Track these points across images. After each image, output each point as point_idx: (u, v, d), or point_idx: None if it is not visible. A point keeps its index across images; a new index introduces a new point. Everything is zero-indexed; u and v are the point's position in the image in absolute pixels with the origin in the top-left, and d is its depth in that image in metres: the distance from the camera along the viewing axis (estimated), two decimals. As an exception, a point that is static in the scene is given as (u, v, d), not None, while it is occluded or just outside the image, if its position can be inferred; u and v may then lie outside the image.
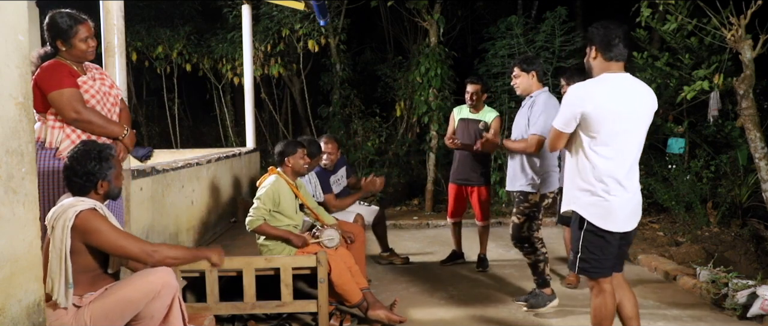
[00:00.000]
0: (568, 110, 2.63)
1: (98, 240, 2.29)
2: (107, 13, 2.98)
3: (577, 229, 2.69)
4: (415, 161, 8.66)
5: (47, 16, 2.74)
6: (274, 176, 3.65)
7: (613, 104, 2.56)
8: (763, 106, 6.02)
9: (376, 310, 3.48)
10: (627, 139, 2.61)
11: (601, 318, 2.67)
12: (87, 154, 2.38)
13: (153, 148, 3.43)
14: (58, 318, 2.27)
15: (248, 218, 3.52)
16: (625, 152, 2.61)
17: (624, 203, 2.61)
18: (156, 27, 8.99)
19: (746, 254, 4.74)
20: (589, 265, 2.65)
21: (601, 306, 2.66)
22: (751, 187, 5.67)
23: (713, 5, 4.74)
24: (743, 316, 3.58)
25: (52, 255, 2.25)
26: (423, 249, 5.73)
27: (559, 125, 2.68)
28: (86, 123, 2.70)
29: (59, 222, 2.26)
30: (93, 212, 2.31)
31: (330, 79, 8.80)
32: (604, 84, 2.61)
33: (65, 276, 2.25)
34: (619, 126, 2.57)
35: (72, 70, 2.73)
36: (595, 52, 2.65)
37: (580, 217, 2.66)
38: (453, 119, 5.00)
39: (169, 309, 2.46)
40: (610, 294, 2.67)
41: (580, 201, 2.66)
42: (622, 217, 2.62)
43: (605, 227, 2.60)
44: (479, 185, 4.83)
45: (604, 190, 2.59)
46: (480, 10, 9.45)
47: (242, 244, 4.06)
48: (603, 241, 2.63)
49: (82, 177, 2.37)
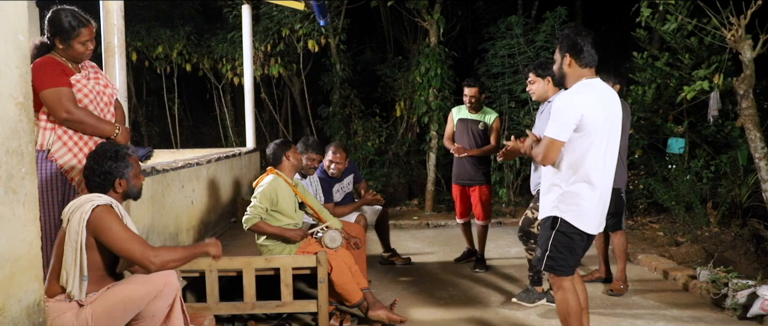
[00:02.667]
0: (565, 117, 2.58)
1: (107, 238, 2.31)
2: (107, 13, 2.98)
3: (549, 229, 2.76)
4: (415, 161, 8.66)
5: (51, 11, 2.70)
6: (272, 176, 3.66)
7: (601, 109, 2.62)
8: (763, 106, 6.01)
9: (376, 310, 3.48)
10: (609, 144, 2.68)
11: (565, 314, 2.79)
12: (104, 153, 2.44)
13: (153, 148, 3.42)
14: (60, 316, 2.28)
15: (245, 216, 3.53)
16: (607, 158, 2.69)
17: (596, 207, 2.70)
18: (156, 27, 8.99)
19: (746, 254, 4.74)
20: (556, 263, 2.76)
21: (563, 301, 2.78)
22: (751, 187, 5.67)
23: (713, 5, 4.74)
24: (743, 316, 3.58)
25: (67, 247, 2.27)
26: (423, 249, 5.73)
27: (556, 134, 2.61)
28: (77, 123, 2.67)
29: (76, 215, 2.28)
30: (108, 209, 2.34)
31: (330, 79, 8.80)
32: (591, 90, 2.65)
33: (80, 268, 2.27)
34: (603, 132, 2.64)
35: (66, 68, 2.70)
36: (569, 60, 2.68)
37: (553, 218, 2.74)
38: (451, 119, 4.99)
39: (170, 309, 2.47)
40: (571, 291, 2.78)
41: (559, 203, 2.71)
42: (594, 221, 2.71)
43: (580, 227, 2.68)
44: (481, 184, 4.83)
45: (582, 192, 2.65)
46: (480, 10, 9.45)
47: (242, 244, 4.06)
48: (572, 242, 2.72)
49: (100, 176, 2.42)
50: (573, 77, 2.70)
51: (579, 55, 2.65)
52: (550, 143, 2.63)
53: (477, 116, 4.80)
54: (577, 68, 2.68)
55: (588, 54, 2.65)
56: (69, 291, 2.27)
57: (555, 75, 3.64)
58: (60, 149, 2.68)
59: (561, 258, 2.74)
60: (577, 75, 2.69)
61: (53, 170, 2.67)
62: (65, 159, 2.69)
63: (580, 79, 2.68)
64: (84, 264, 2.28)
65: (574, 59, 2.66)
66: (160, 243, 3.46)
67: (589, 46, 2.64)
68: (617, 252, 4.17)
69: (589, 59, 2.66)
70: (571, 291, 2.77)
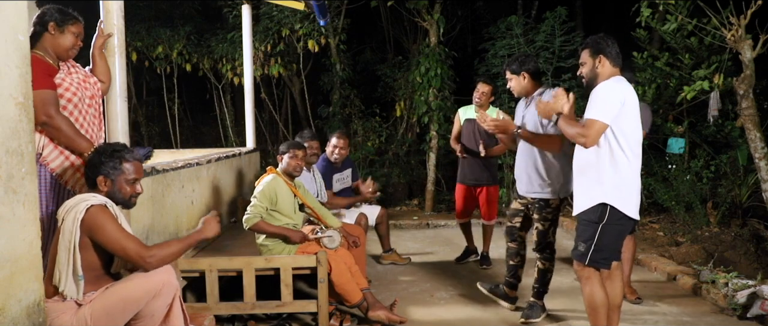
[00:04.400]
0: (612, 100, 2.72)
1: (102, 237, 2.29)
2: (107, 13, 2.97)
3: (595, 222, 2.80)
4: (415, 161, 8.65)
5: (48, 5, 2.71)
6: (272, 175, 3.66)
7: (634, 101, 2.80)
8: (763, 106, 6.01)
9: (376, 310, 3.48)
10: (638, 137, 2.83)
11: (594, 306, 2.85)
12: (103, 147, 2.45)
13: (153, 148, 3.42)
14: (59, 316, 2.28)
15: (245, 216, 3.53)
16: (636, 147, 2.82)
17: (638, 193, 2.84)
18: (156, 27, 8.98)
19: (746, 254, 4.74)
20: (601, 255, 2.81)
21: (591, 294, 2.85)
22: (751, 187, 5.66)
23: (713, 5, 4.74)
24: (743, 316, 3.58)
25: (60, 246, 2.26)
26: (423, 249, 5.73)
27: (601, 116, 2.72)
28: (55, 129, 2.58)
29: (70, 215, 2.27)
30: (103, 209, 2.31)
31: (330, 79, 8.80)
32: (626, 84, 2.83)
33: (74, 267, 2.26)
34: (636, 123, 2.81)
35: (51, 68, 2.66)
36: (603, 61, 2.85)
37: (601, 208, 2.78)
38: (458, 120, 4.98)
39: (169, 309, 2.46)
40: (599, 283, 2.86)
41: (610, 193, 2.78)
42: (637, 206, 2.85)
43: (629, 213, 2.79)
44: (489, 184, 4.83)
45: (631, 180, 2.79)
46: (480, 10, 9.45)
47: (242, 244, 4.06)
48: (622, 229, 2.83)
49: (89, 168, 2.42)
50: (605, 76, 2.85)
51: (611, 56, 2.85)
52: (594, 124, 2.72)
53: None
54: (609, 68, 2.86)
55: (617, 54, 2.87)
56: (62, 291, 2.26)
57: (531, 70, 3.58)
58: (51, 152, 2.64)
59: (607, 249, 2.81)
60: (609, 74, 2.85)
61: (46, 175, 2.63)
62: (57, 162, 2.65)
63: (612, 77, 2.83)
64: (78, 263, 2.26)
65: (608, 60, 2.85)
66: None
67: (616, 48, 2.87)
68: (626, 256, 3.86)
69: (618, 60, 2.87)
70: (600, 284, 2.85)
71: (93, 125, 2.87)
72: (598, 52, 2.86)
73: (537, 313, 3.65)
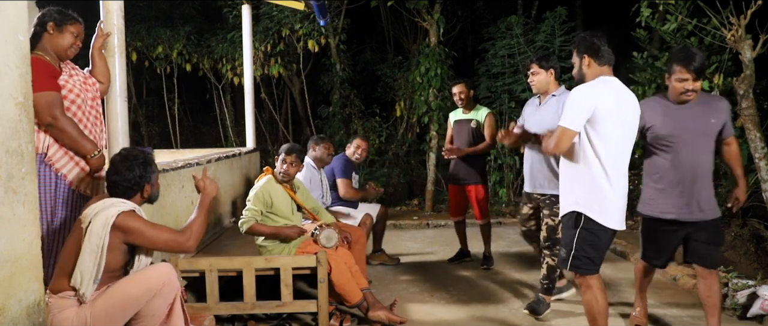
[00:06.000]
0: (579, 107, 2.64)
1: (142, 239, 2.38)
2: (107, 13, 2.97)
3: (572, 227, 2.76)
4: (415, 161, 8.66)
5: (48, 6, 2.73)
6: (267, 177, 3.66)
7: (615, 104, 2.67)
8: (763, 106, 6.00)
9: (376, 310, 3.47)
10: (624, 142, 2.73)
11: (594, 313, 2.77)
12: (134, 159, 2.47)
13: (153, 148, 3.42)
14: (61, 311, 2.30)
15: (241, 220, 3.54)
16: (621, 154, 2.73)
17: (616, 202, 2.72)
18: (156, 27, 8.99)
19: (746, 254, 4.74)
20: (581, 262, 2.75)
21: (591, 301, 2.77)
22: (751, 187, 5.66)
23: (713, 5, 4.74)
24: (743, 316, 3.59)
25: (86, 248, 2.29)
26: (423, 249, 5.73)
27: (568, 123, 2.65)
28: (59, 131, 2.60)
29: (99, 218, 2.30)
30: (133, 214, 2.40)
31: (330, 79, 8.81)
32: (608, 85, 2.71)
33: (98, 270, 2.31)
34: (619, 128, 2.68)
35: (54, 70, 2.67)
36: (587, 60, 2.77)
37: (576, 215, 2.74)
38: (450, 124, 5.07)
39: (170, 309, 2.47)
40: (599, 289, 2.77)
41: (581, 200, 2.72)
42: (616, 215, 2.74)
43: (604, 223, 2.69)
44: (476, 183, 4.86)
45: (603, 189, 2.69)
46: (480, 10, 9.45)
47: (242, 244, 4.06)
48: (597, 239, 2.73)
49: (130, 181, 2.45)
50: (592, 76, 2.78)
51: (597, 55, 2.75)
52: (562, 131, 2.67)
53: (470, 115, 4.87)
54: (596, 67, 2.77)
55: (606, 52, 2.75)
56: (82, 292, 2.30)
57: (557, 69, 3.66)
58: (56, 152, 2.64)
59: (586, 256, 2.74)
60: (596, 74, 2.78)
61: (50, 175, 2.64)
62: (62, 163, 2.66)
63: (599, 77, 2.76)
64: (101, 268, 2.31)
65: (593, 59, 2.76)
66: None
67: (606, 46, 2.75)
68: (711, 301, 3.20)
69: (607, 58, 2.76)
70: (600, 290, 2.77)
71: (95, 126, 2.89)
72: (583, 51, 2.79)
73: (544, 308, 3.70)
